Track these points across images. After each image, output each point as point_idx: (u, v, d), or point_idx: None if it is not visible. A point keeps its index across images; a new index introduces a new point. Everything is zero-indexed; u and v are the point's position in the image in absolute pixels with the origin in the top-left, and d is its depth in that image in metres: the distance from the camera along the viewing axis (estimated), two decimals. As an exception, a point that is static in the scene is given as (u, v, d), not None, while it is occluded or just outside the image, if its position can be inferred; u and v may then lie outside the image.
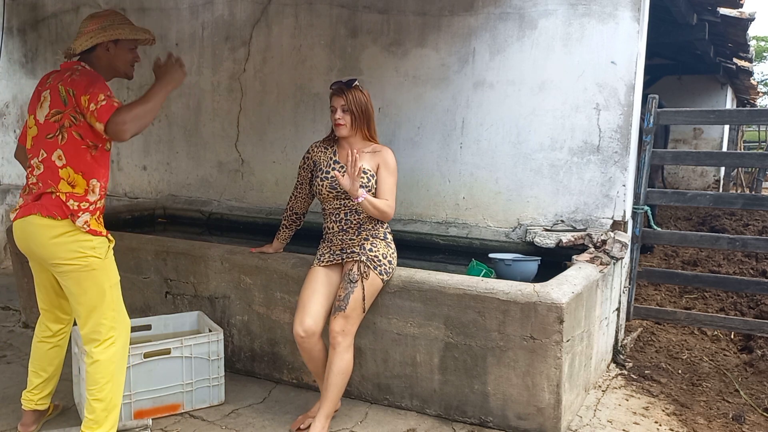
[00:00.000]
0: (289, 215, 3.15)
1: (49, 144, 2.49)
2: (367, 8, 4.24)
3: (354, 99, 2.82)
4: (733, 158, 5.92)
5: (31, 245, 2.50)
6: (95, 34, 2.53)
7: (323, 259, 2.91)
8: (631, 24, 3.49)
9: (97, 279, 2.51)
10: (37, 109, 2.53)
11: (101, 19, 2.57)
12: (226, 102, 4.91)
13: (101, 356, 2.53)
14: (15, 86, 6.09)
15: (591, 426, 2.99)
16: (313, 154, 2.99)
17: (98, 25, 2.55)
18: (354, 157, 2.65)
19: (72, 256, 2.45)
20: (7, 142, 6.21)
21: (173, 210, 5.09)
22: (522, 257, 3.49)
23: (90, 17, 2.59)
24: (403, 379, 3.06)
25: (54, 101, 2.48)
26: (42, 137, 2.52)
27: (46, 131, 2.50)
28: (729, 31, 6.37)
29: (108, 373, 2.54)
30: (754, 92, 12.32)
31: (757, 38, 23.92)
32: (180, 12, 5.04)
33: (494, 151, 3.90)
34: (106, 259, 2.55)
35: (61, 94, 2.46)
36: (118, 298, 2.60)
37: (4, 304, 4.75)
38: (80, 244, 2.46)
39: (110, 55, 2.58)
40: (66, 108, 2.45)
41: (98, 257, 2.50)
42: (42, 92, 2.54)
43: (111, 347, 2.56)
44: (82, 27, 2.57)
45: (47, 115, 2.49)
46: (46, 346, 2.79)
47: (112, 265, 2.59)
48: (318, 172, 2.91)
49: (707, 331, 4.32)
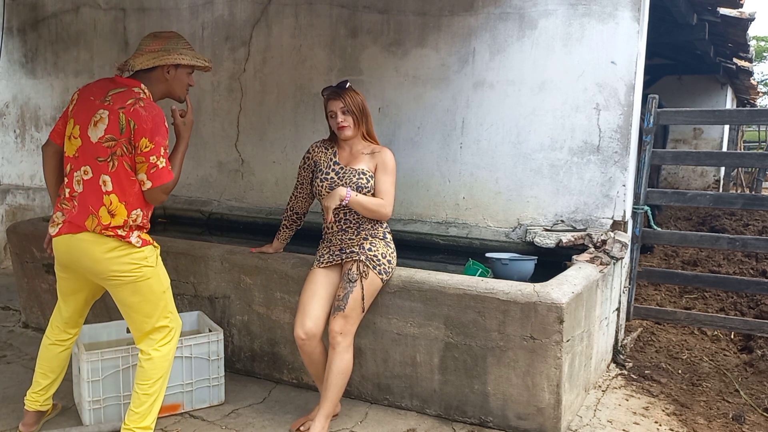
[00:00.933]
0: (290, 215, 3.15)
1: (98, 166, 2.47)
2: (367, 8, 4.24)
3: (351, 100, 2.83)
4: (733, 158, 5.92)
5: (83, 260, 2.51)
6: (158, 56, 2.52)
7: (323, 260, 2.91)
8: (631, 24, 3.49)
9: (153, 286, 2.57)
10: (90, 125, 2.48)
11: (164, 41, 2.56)
12: (226, 102, 4.91)
13: (157, 353, 2.61)
14: (15, 86, 6.09)
15: (591, 426, 2.99)
16: (313, 154, 3.00)
17: (161, 46, 2.54)
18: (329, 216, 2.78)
19: (127, 269, 2.50)
20: (7, 142, 6.21)
21: (173, 210, 5.09)
22: (519, 256, 3.49)
23: (153, 36, 2.59)
24: (403, 379, 3.06)
25: (111, 126, 2.44)
26: (91, 156, 2.47)
27: (96, 153, 2.46)
28: (729, 31, 6.37)
29: (162, 369, 2.63)
30: (754, 92, 12.32)
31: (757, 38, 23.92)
32: (180, 12, 5.04)
33: (494, 151, 3.90)
34: (158, 267, 2.62)
35: (120, 122, 2.43)
36: (171, 299, 2.68)
37: (4, 304, 4.75)
38: (133, 257, 2.51)
39: (169, 77, 2.58)
40: (121, 137, 2.44)
41: (151, 266, 2.56)
42: (98, 109, 2.47)
43: (167, 345, 2.64)
44: (144, 45, 2.56)
45: (101, 138, 2.45)
46: (58, 349, 2.81)
47: (163, 270, 2.66)
48: (318, 173, 2.92)
49: (707, 331, 4.32)
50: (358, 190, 2.79)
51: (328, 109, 2.88)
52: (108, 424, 2.86)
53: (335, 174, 2.86)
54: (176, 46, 2.56)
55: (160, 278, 2.62)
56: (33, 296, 4.18)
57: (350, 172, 2.84)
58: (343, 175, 2.84)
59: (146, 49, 2.54)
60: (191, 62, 2.59)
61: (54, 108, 5.85)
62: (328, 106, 2.87)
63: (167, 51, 2.53)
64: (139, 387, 2.61)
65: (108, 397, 2.89)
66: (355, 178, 2.81)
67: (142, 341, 2.63)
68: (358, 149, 2.90)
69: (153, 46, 2.54)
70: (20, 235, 4.13)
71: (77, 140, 2.51)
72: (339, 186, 2.81)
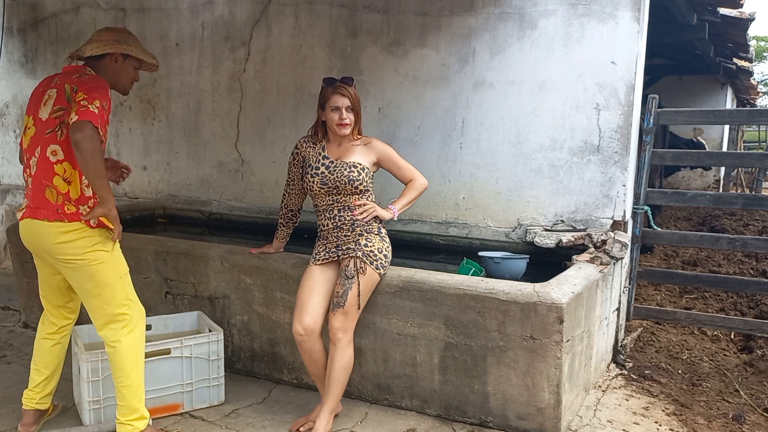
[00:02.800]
0: (285, 213, 3.16)
1: (45, 140, 2.53)
2: (367, 8, 4.24)
3: (356, 98, 2.84)
4: (733, 158, 5.91)
5: (41, 243, 2.56)
6: (108, 44, 2.63)
7: (319, 258, 2.91)
8: (631, 24, 3.49)
9: (108, 271, 2.58)
10: (41, 107, 2.57)
11: (116, 33, 2.70)
12: (226, 102, 4.91)
13: (120, 344, 2.60)
14: (15, 86, 6.09)
15: (591, 426, 2.99)
16: (302, 149, 2.98)
17: (112, 36, 2.66)
18: (366, 212, 2.82)
19: (80, 252, 2.52)
20: (7, 142, 6.21)
21: (173, 210, 5.09)
22: (511, 255, 3.51)
23: (105, 29, 2.72)
24: (403, 379, 3.06)
25: (59, 99, 2.53)
26: (41, 134, 2.55)
27: (45, 127, 2.53)
28: (729, 31, 6.37)
29: (131, 359, 2.62)
30: (754, 92, 12.32)
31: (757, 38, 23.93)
32: (180, 12, 5.04)
33: (494, 151, 3.90)
34: (114, 252, 2.62)
35: (66, 92, 2.52)
36: (129, 287, 2.68)
37: (4, 304, 4.75)
38: (88, 240, 2.52)
39: (117, 66, 2.68)
40: (68, 105, 2.49)
41: (105, 250, 2.57)
42: (46, 91, 2.59)
43: (131, 334, 2.63)
44: (96, 35, 2.67)
45: (50, 112, 2.53)
46: (49, 343, 2.82)
47: (120, 257, 2.66)
48: (308, 168, 2.90)
49: (707, 331, 4.32)
50: (350, 183, 2.80)
51: (332, 103, 2.81)
52: (108, 424, 2.86)
53: (325, 168, 2.85)
54: (127, 39, 2.69)
55: (116, 263, 2.61)
56: (33, 296, 4.17)
57: (341, 165, 2.83)
58: (333, 169, 2.83)
59: (97, 39, 2.65)
60: (139, 55, 2.70)
61: (54, 108, 5.85)
62: (332, 101, 2.81)
63: (117, 41, 2.65)
64: (116, 380, 2.63)
65: (108, 397, 2.88)
66: (347, 171, 2.81)
67: (102, 330, 2.63)
68: (348, 143, 2.90)
69: (105, 36, 2.66)
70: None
71: (31, 129, 2.60)
72: (330, 179, 2.81)
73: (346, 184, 2.80)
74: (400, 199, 2.95)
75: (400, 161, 2.97)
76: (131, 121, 5.41)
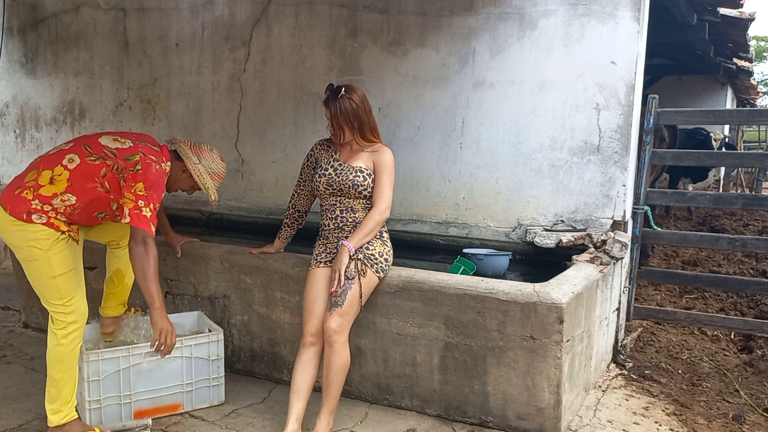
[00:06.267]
0: (292, 213, 3.17)
1: (81, 152, 2.66)
2: (367, 8, 4.24)
3: (340, 108, 2.82)
4: (733, 158, 5.92)
5: None
6: (192, 158, 2.89)
7: (320, 259, 2.91)
8: (631, 24, 3.49)
9: (40, 269, 2.60)
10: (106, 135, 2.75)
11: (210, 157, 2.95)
12: (226, 102, 4.91)
13: (52, 337, 2.64)
14: (15, 86, 6.09)
15: (591, 426, 2.99)
16: (316, 151, 3.04)
17: (203, 156, 2.93)
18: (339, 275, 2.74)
19: (18, 244, 2.60)
20: (7, 142, 6.21)
21: (173, 210, 5.08)
22: (494, 252, 3.58)
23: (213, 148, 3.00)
24: (403, 379, 3.06)
25: (123, 152, 2.67)
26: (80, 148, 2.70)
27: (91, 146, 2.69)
28: (729, 31, 6.38)
29: (56, 353, 2.65)
30: (754, 92, 12.34)
31: (757, 38, 23.95)
32: (180, 12, 5.04)
33: (494, 151, 3.90)
34: (51, 251, 2.60)
35: (132, 153, 2.67)
36: (66, 289, 2.64)
37: (4, 304, 4.75)
38: (24, 235, 2.57)
39: (183, 175, 2.94)
40: (118, 160, 2.64)
41: (40, 248, 2.58)
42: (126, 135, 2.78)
43: (59, 332, 2.64)
44: (202, 145, 2.97)
45: (107, 147, 2.68)
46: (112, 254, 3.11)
47: (60, 258, 2.62)
48: (318, 169, 2.95)
49: (707, 331, 4.32)
50: (354, 187, 2.81)
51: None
52: (108, 424, 2.86)
53: (333, 170, 2.88)
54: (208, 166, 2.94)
55: (50, 263, 2.59)
56: (33, 296, 4.16)
57: (347, 169, 2.86)
58: (340, 172, 2.86)
59: (195, 149, 2.93)
60: (200, 182, 2.93)
61: (54, 108, 5.85)
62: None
63: (200, 162, 2.91)
64: (49, 365, 2.66)
65: (108, 397, 2.89)
66: (352, 176, 2.83)
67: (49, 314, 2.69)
68: (358, 147, 2.91)
69: (202, 152, 2.94)
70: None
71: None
72: (335, 181, 2.84)
73: (350, 188, 2.82)
74: (356, 232, 2.82)
75: (383, 180, 2.86)
76: (131, 121, 5.41)
